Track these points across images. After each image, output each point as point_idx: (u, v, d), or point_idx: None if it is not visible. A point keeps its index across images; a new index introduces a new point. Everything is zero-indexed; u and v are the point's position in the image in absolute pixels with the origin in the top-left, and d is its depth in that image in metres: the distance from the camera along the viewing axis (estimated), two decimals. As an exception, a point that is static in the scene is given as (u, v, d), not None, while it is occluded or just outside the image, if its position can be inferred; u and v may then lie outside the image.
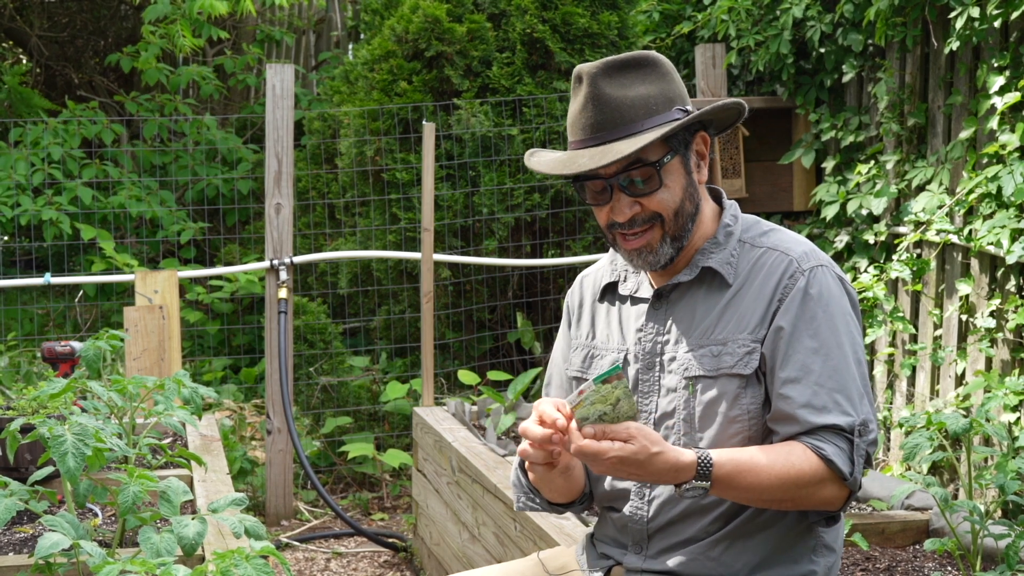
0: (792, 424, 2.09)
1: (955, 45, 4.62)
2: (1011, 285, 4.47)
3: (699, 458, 2.03)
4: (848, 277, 2.32)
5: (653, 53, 2.19)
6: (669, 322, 2.22)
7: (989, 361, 4.56)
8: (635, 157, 2.11)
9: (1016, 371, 4.42)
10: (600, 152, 2.11)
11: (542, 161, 2.22)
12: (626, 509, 2.24)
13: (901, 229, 5.03)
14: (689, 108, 2.17)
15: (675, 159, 2.16)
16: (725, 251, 2.21)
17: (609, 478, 2.26)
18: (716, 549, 2.17)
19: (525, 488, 2.36)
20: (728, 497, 2.10)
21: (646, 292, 2.27)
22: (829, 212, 5.26)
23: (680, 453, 2.03)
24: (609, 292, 2.34)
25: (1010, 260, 4.21)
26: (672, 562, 2.19)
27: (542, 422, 2.05)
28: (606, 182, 2.14)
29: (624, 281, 2.32)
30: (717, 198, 2.29)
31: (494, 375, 5.89)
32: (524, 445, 2.09)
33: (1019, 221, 4.25)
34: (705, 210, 2.24)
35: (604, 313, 2.34)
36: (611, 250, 2.37)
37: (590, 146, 2.14)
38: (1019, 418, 4.21)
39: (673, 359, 2.19)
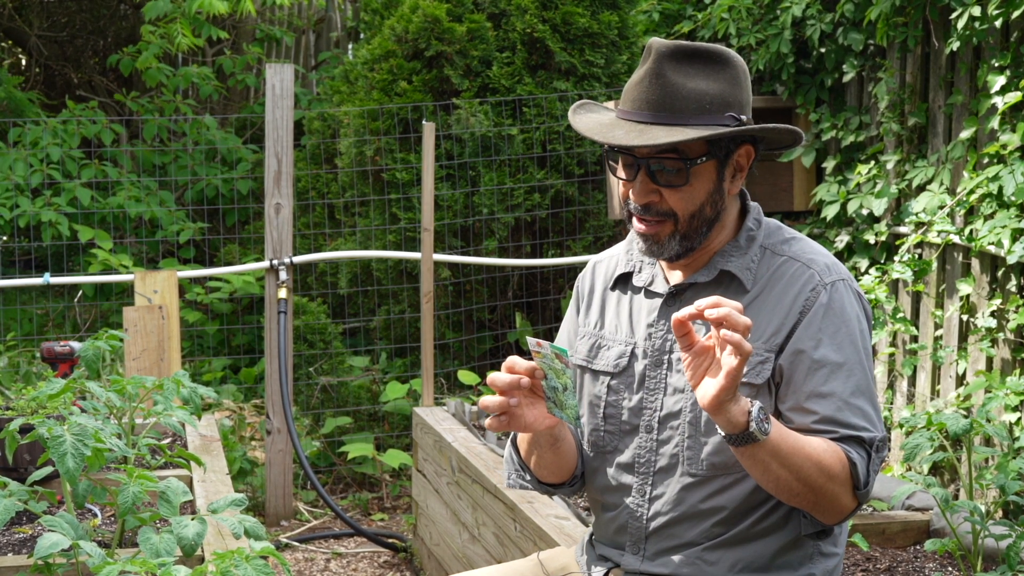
0: (818, 435, 2.08)
1: (956, 45, 4.62)
2: (1012, 285, 4.47)
3: (751, 407, 1.97)
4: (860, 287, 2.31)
5: (729, 52, 2.16)
6: None
7: (990, 361, 4.55)
8: (668, 147, 2.10)
9: (1017, 371, 4.41)
10: (638, 131, 2.10)
11: (582, 121, 2.20)
12: (628, 502, 2.22)
13: (902, 229, 5.02)
14: (743, 118, 2.13)
15: (710, 163, 2.14)
16: (746, 256, 2.19)
17: (611, 471, 2.24)
18: (714, 554, 2.16)
19: (516, 465, 2.35)
20: (768, 464, 2.00)
21: (660, 287, 2.25)
22: (829, 212, 5.26)
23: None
24: (622, 282, 2.32)
25: (1011, 260, 4.21)
26: (670, 565, 2.18)
27: (510, 370, 2.07)
28: (636, 161, 2.13)
29: (639, 272, 2.29)
30: (741, 199, 2.27)
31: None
32: (485, 398, 2.09)
33: (1020, 221, 4.24)
34: (728, 216, 2.22)
35: (615, 303, 2.31)
36: (627, 238, 2.35)
37: (633, 120, 2.12)
38: (1020, 418, 4.20)
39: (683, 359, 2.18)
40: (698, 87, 2.10)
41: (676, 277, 2.25)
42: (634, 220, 2.18)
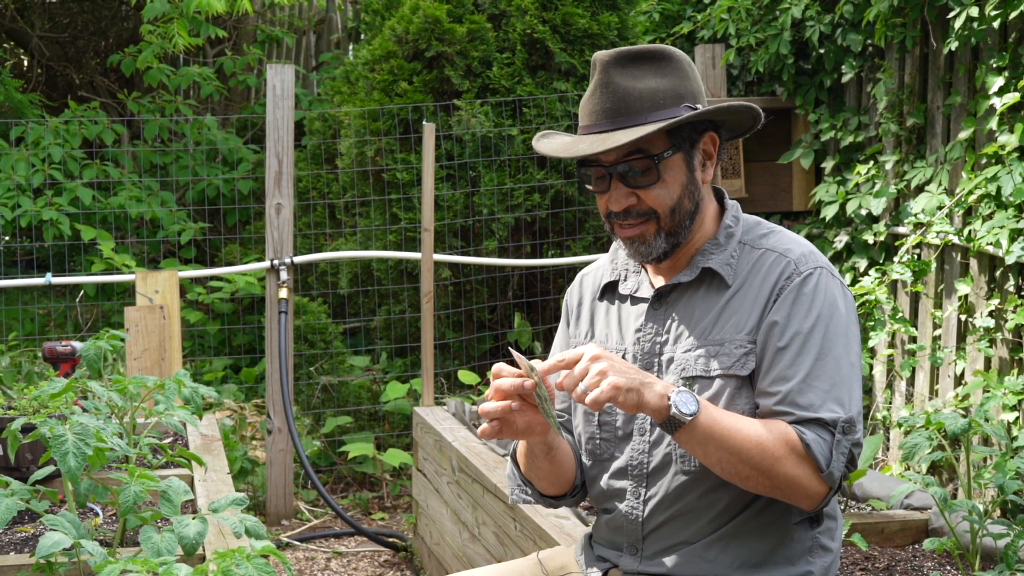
0: (779, 417, 2.09)
1: (954, 45, 4.63)
2: (1010, 285, 4.48)
3: (671, 393, 2.03)
4: (843, 278, 2.31)
5: (671, 48, 2.19)
6: (668, 322, 2.22)
7: (988, 361, 4.56)
8: (634, 147, 2.12)
9: (1015, 371, 4.42)
10: (600, 139, 2.12)
11: (548, 144, 2.23)
12: (621, 507, 2.23)
13: (900, 229, 5.03)
14: (699, 107, 2.17)
15: (677, 155, 2.16)
16: (725, 252, 2.21)
17: (606, 477, 2.25)
18: (712, 551, 2.17)
19: (518, 480, 2.37)
20: (706, 447, 2.03)
21: (646, 292, 2.27)
22: (828, 212, 5.27)
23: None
24: (609, 291, 2.34)
25: (1009, 260, 4.22)
26: (668, 564, 2.19)
27: (497, 376, 2.11)
28: (606, 170, 2.15)
29: (625, 280, 2.31)
30: (719, 198, 2.29)
31: (494, 375, 5.89)
32: (485, 405, 2.11)
33: (1018, 221, 4.25)
34: (707, 210, 2.24)
35: (603, 312, 2.33)
36: (612, 248, 2.38)
37: (594, 132, 2.15)
38: (1018, 418, 4.22)
39: (672, 359, 2.19)
40: (649, 86, 2.14)
41: (660, 281, 2.26)
42: (616, 229, 2.21)
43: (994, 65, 4.50)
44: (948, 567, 3.20)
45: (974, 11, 4.47)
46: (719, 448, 2.04)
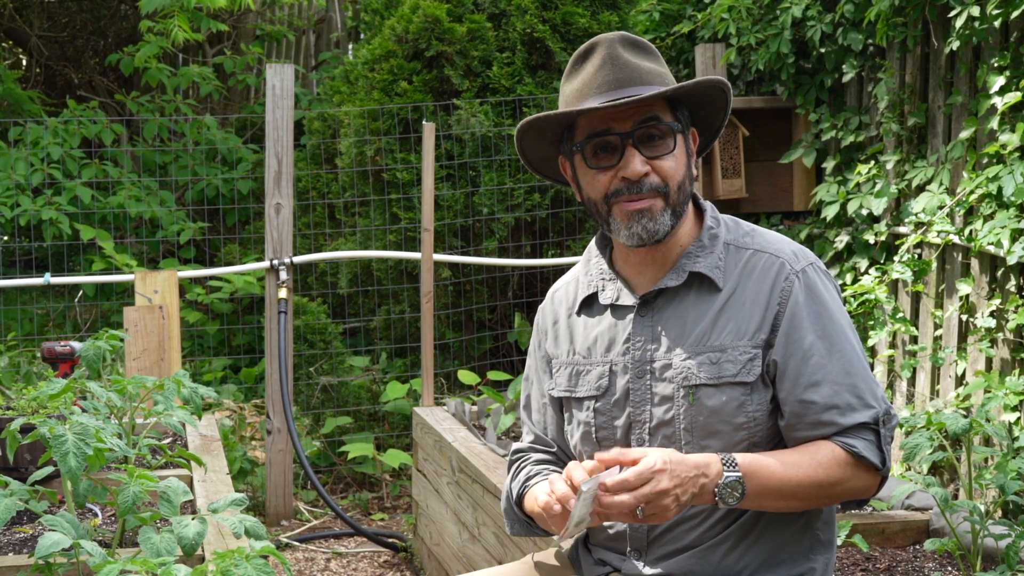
0: (821, 428, 2.11)
1: (955, 45, 4.62)
2: (1011, 285, 4.47)
3: (719, 455, 2.06)
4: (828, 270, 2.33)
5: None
6: (658, 329, 2.19)
7: (989, 361, 4.56)
8: (650, 112, 2.13)
9: (1016, 371, 4.42)
10: (616, 103, 2.12)
11: (548, 114, 2.18)
12: (627, 515, 2.22)
13: (901, 229, 5.03)
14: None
15: (680, 134, 2.18)
16: (712, 255, 2.19)
17: None
18: (716, 553, 2.16)
19: (517, 517, 2.35)
20: (762, 504, 2.10)
21: (628, 300, 2.23)
22: (829, 212, 5.26)
23: (695, 455, 2.05)
24: (586, 305, 2.30)
25: (1010, 260, 4.21)
26: (672, 568, 2.18)
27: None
28: (620, 138, 2.14)
29: (603, 291, 2.27)
30: (694, 200, 2.28)
31: (494, 375, 5.89)
32: (551, 500, 2.08)
33: (1019, 221, 4.25)
34: (689, 207, 2.23)
35: (582, 327, 2.29)
36: (582, 260, 2.34)
37: (603, 102, 2.14)
38: (1019, 418, 4.21)
39: (667, 366, 2.16)
40: (653, 66, 2.18)
41: (643, 286, 2.23)
42: (620, 207, 2.15)
43: (995, 64, 4.49)
44: (949, 568, 3.19)
45: (975, 10, 4.47)
46: (776, 501, 2.10)
